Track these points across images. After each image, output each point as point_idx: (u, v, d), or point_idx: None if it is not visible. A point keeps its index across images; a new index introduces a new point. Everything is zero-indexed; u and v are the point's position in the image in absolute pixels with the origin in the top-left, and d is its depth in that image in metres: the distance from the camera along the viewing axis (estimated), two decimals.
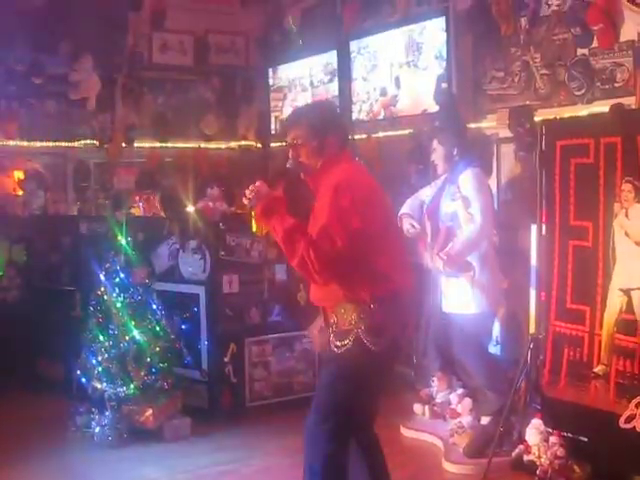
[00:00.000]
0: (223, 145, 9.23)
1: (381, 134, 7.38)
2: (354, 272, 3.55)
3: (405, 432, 5.82)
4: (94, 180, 8.41)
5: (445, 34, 6.52)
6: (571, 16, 5.76)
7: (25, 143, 8.06)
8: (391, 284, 3.62)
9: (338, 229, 3.49)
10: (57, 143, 8.23)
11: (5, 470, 5.22)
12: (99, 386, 5.74)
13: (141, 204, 6.86)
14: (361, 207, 3.55)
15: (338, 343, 3.62)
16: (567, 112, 5.69)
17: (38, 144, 8.13)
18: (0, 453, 5.47)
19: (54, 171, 8.26)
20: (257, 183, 3.64)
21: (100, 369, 5.74)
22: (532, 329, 5.21)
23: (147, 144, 8.71)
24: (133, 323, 5.79)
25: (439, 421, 5.86)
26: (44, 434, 5.84)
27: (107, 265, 5.91)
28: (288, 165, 3.75)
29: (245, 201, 3.64)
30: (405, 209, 5.73)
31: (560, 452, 4.73)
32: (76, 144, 8.33)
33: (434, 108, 6.67)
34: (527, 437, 4.99)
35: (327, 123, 3.78)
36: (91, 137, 8.38)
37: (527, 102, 6.10)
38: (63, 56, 8.12)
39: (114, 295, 5.81)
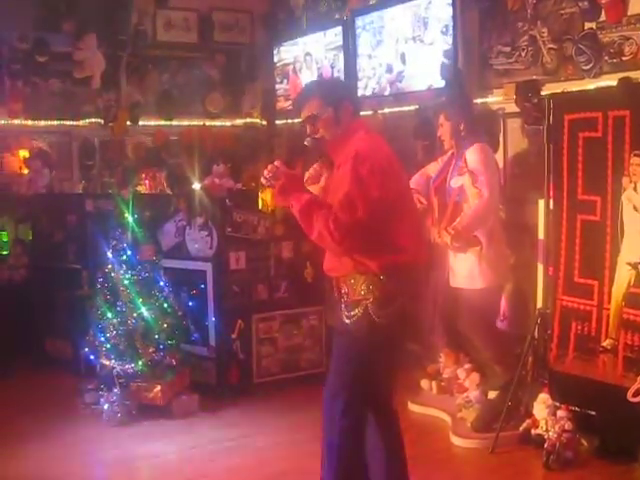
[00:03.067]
0: (228, 123, 9.21)
1: (387, 110, 7.34)
2: (370, 242, 3.55)
3: (413, 407, 5.85)
4: (99, 158, 8.39)
5: (451, 9, 6.47)
6: None
7: (30, 122, 8.04)
8: (402, 256, 3.61)
9: (359, 198, 3.47)
10: (62, 122, 8.21)
11: (15, 448, 5.24)
12: (107, 363, 5.76)
13: (147, 182, 6.85)
14: (379, 176, 3.54)
15: (347, 314, 3.65)
16: (574, 86, 5.65)
17: (43, 123, 8.11)
18: (10, 432, 5.50)
19: (59, 150, 8.25)
20: (275, 162, 3.63)
21: (108, 346, 5.76)
22: (540, 304, 5.22)
23: (152, 122, 8.69)
24: (141, 300, 5.81)
25: (446, 396, 5.89)
26: (53, 412, 5.87)
27: (114, 242, 5.92)
28: (306, 143, 3.74)
29: (263, 181, 3.64)
30: (412, 185, 5.72)
31: (568, 426, 4.75)
32: (81, 122, 8.32)
33: (440, 84, 6.64)
34: (535, 411, 5.02)
35: (338, 91, 3.81)
36: (96, 115, 8.36)
37: (534, 77, 6.06)
38: (67, 34, 8.08)
39: (122, 272, 5.82)
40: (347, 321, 3.66)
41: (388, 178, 3.60)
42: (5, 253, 7.61)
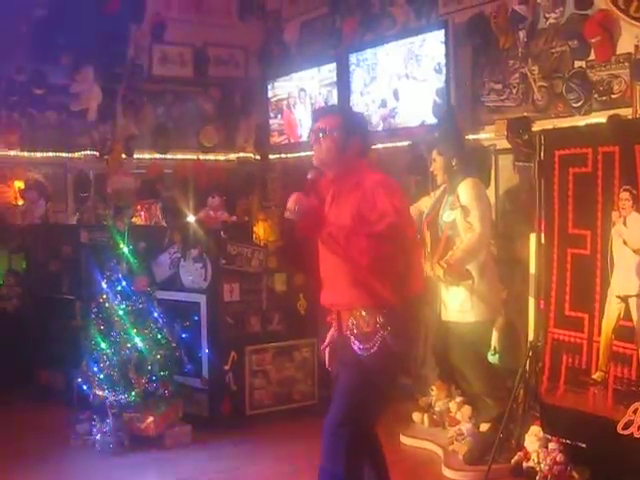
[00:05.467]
0: (222, 157, 9.28)
1: (380, 146, 7.40)
2: (394, 272, 3.57)
3: (405, 440, 5.86)
4: (94, 190, 8.44)
5: (444, 47, 6.58)
6: (569, 29, 5.83)
7: (26, 153, 8.10)
8: (412, 286, 3.68)
9: (400, 228, 3.54)
10: (57, 153, 8.27)
11: (7, 479, 5.22)
12: (100, 393, 5.77)
13: (142, 213, 6.90)
14: (407, 208, 3.74)
15: (361, 346, 3.61)
16: (565, 123, 5.76)
17: (39, 154, 8.17)
18: (2, 462, 5.47)
19: (54, 181, 8.29)
20: (294, 195, 3.56)
21: (102, 376, 5.77)
22: (531, 337, 5.27)
23: (147, 155, 8.76)
24: (135, 331, 5.83)
25: (438, 429, 5.91)
26: (45, 442, 5.87)
27: (109, 273, 5.95)
28: (309, 175, 3.72)
29: (287, 214, 3.55)
30: None
31: (559, 458, 4.77)
32: (76, 155, 8.38)
33: (433, 120, 6.73)
34: (526, 444, 5.03)
35: (356, 124, 3.83)
36: (91, 148, 8.41)
37: (525, 114, 6.15)
38: (64, 67, 8.16)
39: (116, 303, 5.85)
40: (361, 353, 3.62)
41: (408, 211, 3.78)
42: None
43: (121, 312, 5.85)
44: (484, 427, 5.46)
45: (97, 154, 8.42)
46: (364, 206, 3.58)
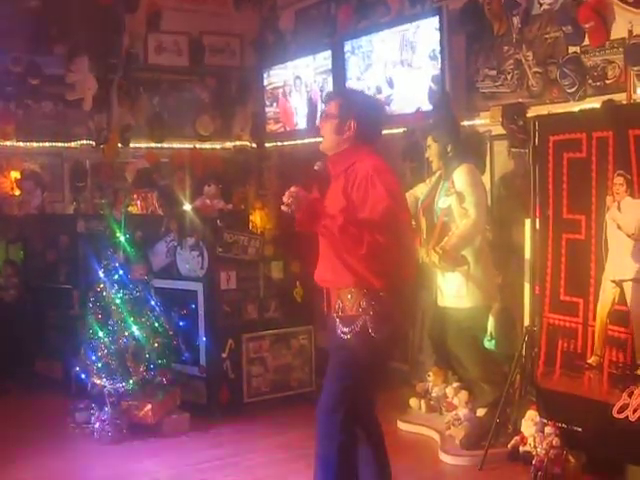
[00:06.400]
0: (218, 145, 9.28)
1: None
2: (383, 258, 3.56)
3: (402, 426, 5.89)
4: (90, 180, 8.44)
5: (439, 33, 6.57)
6: (563, 14, 5.82)
7: (22, 144, 8.08)
8: (402, 273, 3.70)
9: (397, 212, 3.57)
10: (54, 143, 8.25)
11: (6, 468, 5.25)
12: (98, 382, 5.79)
13: (139, 202, 6.91)
14: (402, 194, 3.75)
15: (345, 329, 3.65)
16: (559, 109, 5.75)
17: (35, 144, 8.15)
18: (1, 451, 5.50)
19: (51, 171, 8.29)
20: (292, 188, 3.57)
21: (99, 365, 5.80)
22: (527, 322, 5.29)
23: (143, 144, 8.75)
24: (132, 319, 5.86)
25: (435, 415, 5.95)
26: (44, 431, 5.89)
27: (106, 262, 5.97)
28: (316, 167, 3.76)
29: (284, 208, 3.56)
30: None
31: (555, 442, 4.79)
32: (72, 144, 8.36)
33: (428, 106, 6.73)
34: (523, 428, 5.07)
35: (355, 107, 3.81)
36: (87, 137, 8.40)
37: (520, 100, 6.15)
38: (59, 57, 8.14)
39: (113, 291, 5.87)
40: (344, 336, 3.66)
41: (403, 197, 3.79)
42: None
43: (118, 301, 5.87)
44: (481, 412, 5.49)
45: (93, 144, 8.41)
46: (357, 195, 3.60)
